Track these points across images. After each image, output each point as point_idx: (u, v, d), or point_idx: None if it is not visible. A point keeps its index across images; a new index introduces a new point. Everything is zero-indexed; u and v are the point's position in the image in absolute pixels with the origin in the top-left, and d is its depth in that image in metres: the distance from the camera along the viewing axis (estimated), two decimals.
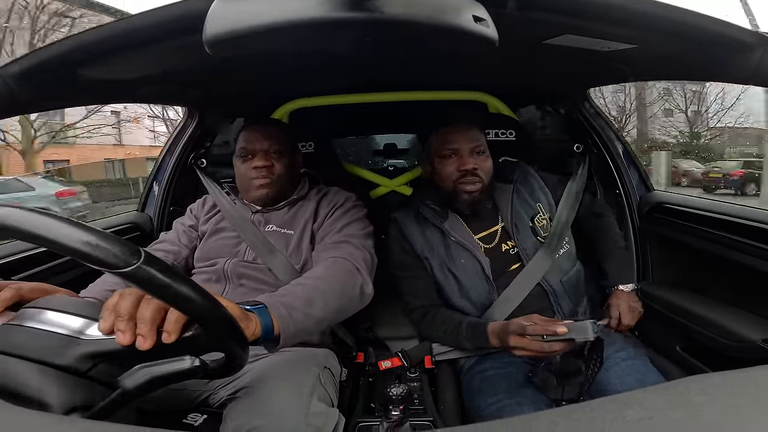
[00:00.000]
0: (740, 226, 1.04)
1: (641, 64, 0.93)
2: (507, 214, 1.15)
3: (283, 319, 0.71)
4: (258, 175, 1.10)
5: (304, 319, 0.75)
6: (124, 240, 0.44)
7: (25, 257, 1.03)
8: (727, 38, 0.63)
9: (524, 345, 0.85)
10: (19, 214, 0.42)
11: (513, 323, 0.89)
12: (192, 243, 1.17)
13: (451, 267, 1.13)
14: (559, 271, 1.12)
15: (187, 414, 0.87)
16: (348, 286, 0.89)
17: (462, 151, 1.11)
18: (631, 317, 1.11)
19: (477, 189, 1.11)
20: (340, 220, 1.09)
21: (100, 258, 0.41)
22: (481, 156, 1.13)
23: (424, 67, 1.22)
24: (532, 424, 0.30)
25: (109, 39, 0.66)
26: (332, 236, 1.04)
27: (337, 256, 0.95)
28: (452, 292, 1.13)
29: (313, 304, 0.79)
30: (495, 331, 0.97)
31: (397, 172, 2.04)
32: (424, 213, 1.18)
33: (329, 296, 0.84)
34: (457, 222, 1.16)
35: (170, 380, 0.52)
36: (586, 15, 0.64)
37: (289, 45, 0.56)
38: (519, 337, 0.86)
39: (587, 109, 1.43)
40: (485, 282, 1.11)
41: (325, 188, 1.22)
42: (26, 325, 0.51)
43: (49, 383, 0.47)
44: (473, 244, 1.13)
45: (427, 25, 0.50)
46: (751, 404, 0.30)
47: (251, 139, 1.12)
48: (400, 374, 1.18)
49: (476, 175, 1.11)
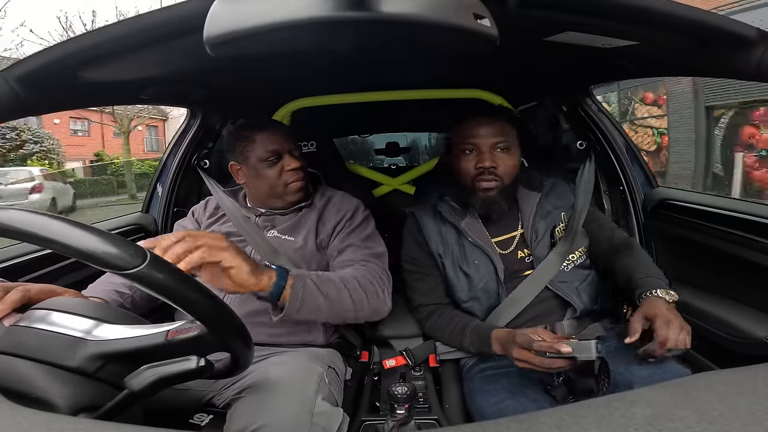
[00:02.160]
0: (745, 222, 1.03)
1: (643, 60, 0.92)
2: (528, 222, 1.11)
3: (296, 287, 0.76)
4: (296, 177, 1.08)
5: (314, 299, 0.80)
6: (130, 242, 0.44)
7: (32, 259, 1.04)
8: (729, 34, 0.63)
9: (527, 359, 0.85)
10: (28, 217, 0.43)
11: (520, 335, 0.88)
12: None
13: (464, 267, 1.11)
14: (574, 280, 1.09)
15: (193, 414, 0.87)
16: (370, 298, 0.94)
17: (482, 146, 1.06)
18: (686, 332, 0.85)
19: (493, 188, 1.06)
20: (356, 234, 1.08)
21: (107, 260, 0.42)
22: (504, 153, 1.07)
23: (426, 65, 1.22)
24: (539, 420, 0.30)
25: (110, 41, 0.66)
26: (355, 253, 1.04)
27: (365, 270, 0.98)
28: (462, 292, 1.12)
29: (329, 292, 0.85)
30: (499, 339, 0.96)
31: (399, 170, 2.05)
32: (442, 210, 1.14)
33: (346, 294, 0.88)
34: (475, 222, 1.12)
35: (176, 380, 0.52)
36: (588, 12, 0.64)
37: (290, 45, 0.57)
38: (523, 350, 0.86)
39: (589, 105, 1.43)
40: (496, 284, 1.09)
41: (329, 192, 1.20)
42: (34, 327, 0.52)
43: (57, 384, 0.48)
44: (490, 246, 1.10)
45: (427, 24, 0.50)
46: (758, 401, 0.30)
47: (277, 141, 1.08)
48: (405, 373, 1.18)
49: (494, 174, 1.06)
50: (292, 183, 1.08)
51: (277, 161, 1.08)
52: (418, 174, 1.90)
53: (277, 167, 1.08)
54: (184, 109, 1.54)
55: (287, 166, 1.07)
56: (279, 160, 1.08)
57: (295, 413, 0.75)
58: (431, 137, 3.37)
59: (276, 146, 1.07)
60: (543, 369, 0.84)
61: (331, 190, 1.21)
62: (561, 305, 1.10)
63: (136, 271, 0.43)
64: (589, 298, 1.10)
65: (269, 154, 1.07)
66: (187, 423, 0.85)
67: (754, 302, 1.04)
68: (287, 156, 1.08)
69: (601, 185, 1.47)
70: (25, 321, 0.53)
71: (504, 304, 1.08)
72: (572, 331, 1.08)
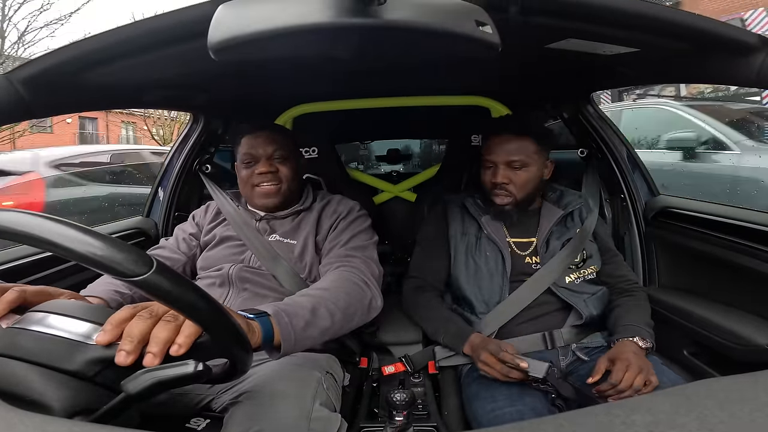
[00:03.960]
0: (746, 230, 1.03)
1: (644, 67, 0.93)
2: (543, 234, 1.16)
3: (285, 327, 0.71)
4: (262, 180, 1.11)
5: (306, 329, 0.75)
6: (136, 248, 0.44)
7: (32, 261, 1.04)
8: (730, 41, 0.63)
9: (491, 363, 0.97)
10: (32, 220, 0.43)
11: (493, 343, 1.00)
12: (191, 251, 1.17)
13: (476, 256, 1.17)
14: (583, 292, 1.12)
15: (189, 418, 0.87)
16: (355, 298, 0.91)
17: (498, 163, 1.14)
18: (643, 375, 0.90)
19: (506, 203, 1.15)
20: (345, 232, 1.09)
21: (112, 266, 0.42)
22: (518, 170, 1.13)
23: (427, 72, 1.23)
24: (539, 428, 0.30)
25: (114, 45, 0.67)
26: (338, 250, 1.05)
27: (343, 269, 0.96)
28: (468, 279, 1.16)
29: (317, 314, 0.80)
30: (472, 342, 1.05)
31: (400, 177, 2.05)
32: (468, 204, 1.23)
33: (334, 307, 0.84)
34: (495, 220, 1.19)
35: (174, 385, 0.52)
36: (589, 19, 0.64)
37: (293, 51, 0.57)
38: (491, 356, 0.97)
39: (591, 113, 1.43)
40: (501, 279, 1.13)
41: (329, 196, 1.21)
42: (31, 329, 0.51)
43: (53, 387, 0.47)
44: (503, 243, 1.16)
45: (429, 31, 0.51)
46: (759, 408, 0.30)
47: (254, 145, 1.11)
48: (404, 379, 1.18)
49: (506, 189, 1.13)
50: (259, 186, 1.11)
51: (252, 164, 1.11)
52: (419, 181, 1.91)
53: (250, 170, 1.11)
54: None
55: (257, 170, 1.10)
56: (255, 163, 1.11)
57: (292, 419, 0.75)
58: (433, 144, 3.38)
59: (252, 150, 1.11)
60: (501, 376, 0.96)
61: (330, 195, 1.22)
62: (563, 313, 1.11)
63: (141, 278, 0.42)
64: (596, 309, 1.11)
65: (246, 157, 1.12)
66: (184, 427, 0.84)
67: (755, 309, 1.04)
68: (263, 160, 1.11)
69: (603, 193, 1.47)
70: (22, 323, 0.53)
71: (503, 304, 1.10)
72: (571, 338, 1.08)
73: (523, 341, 1.08)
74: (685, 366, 1.15)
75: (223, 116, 1.55)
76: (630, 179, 1.39)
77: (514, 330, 1.10)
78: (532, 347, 1.08)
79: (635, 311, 1.09)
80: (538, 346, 1.08)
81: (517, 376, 0.95)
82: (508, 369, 0.95)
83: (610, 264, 1.21)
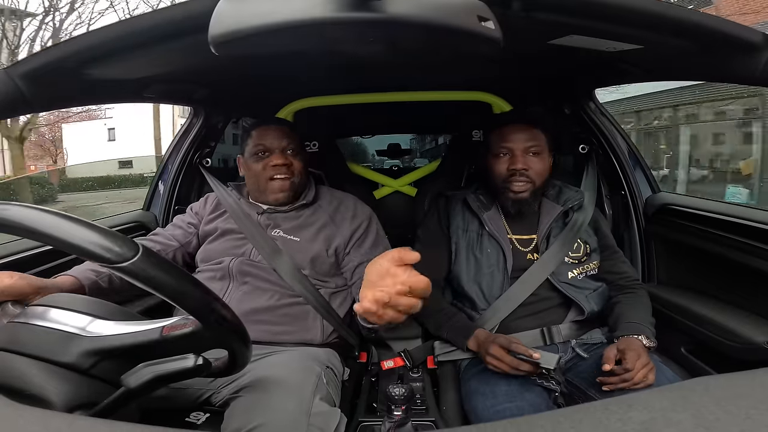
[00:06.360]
0: (746, 227, 1.03)
1: (647, 64, 0.92)
2: (543, 230, 1.15)
3: None
4: (276, 173, 1.10)
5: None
6: (121, 235, 0.43)
7: (33, 255, 1.04)
8: (735, 39, 0.63)
9: (500, 356, 0.96)
10: (18, 210, 0.43)
11: (502, 337, 1.00)
12: (186, 239, 1.16)
13: (476, 252, 1.16)
14: (584, 287, 1.12)
15: (189, 412, 0.87)
16: None
17: (515, 150, 1.12)
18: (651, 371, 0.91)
19: (524, 189, 1.12)
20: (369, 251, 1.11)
21: (97, 253, 0.41)
22: (535, 157, 1.13)
23: (429, 67, 1.22)
24: (536, 424, 0.30)
25: (115, 39, 0.66)
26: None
27: None
28: (468, 275, 1.15)
29: None
30: (480, 337, 1.05)
31: (401, 172, 2.04)
32: (470, 200, 1.21)
33: None
34: (496, 216, 1.18)
35: (174, 379, 0.52)
36: (592, 15, 0.64)
37: (294, 45, 0.57)
38: (500, 348, 0.96)
39: (592, 109, 1.43)
40: (502, 275, 1.13)
41: (338, 194, 1.22)
42: (30, 323, 0.52)
43: (53, 381, 0.48)
44: (505, 239, 1.15)
45: (431, 26, 0.50)
46: (755, 406, 0.30)
47: (267, 137, 1.11)
48: (403, 374, 1.18)
49: (525, 176, 1.12)
50: (273, 180, 1.10)
51: (264, 156, 1.11)
52: (420, 175, 1.90)
53: (263, 162, 1.11)
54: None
55: (271, 162, 1.10)
56: (267, 156, 1.11)
57: (292, 413, 0.75)
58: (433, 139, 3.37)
59: (266, 142, 1.11)
60: (510, 369, 0.95)
61: (339, 193, 1.23)
62: (563, 308, 1.11)
63: (127, 264, 0.42)
64: (597, 305, 1.11)
65: (258, 147, 1.11)
66: (184, 421, 0.85)
67: (754, 308, 1.04)
68: (277, 152, 1.10)
69: (603, 189, 1.47)
70: (22, 317, 0.53)
71: (501, 299, 1.11)
72: (570, 334, 1.09)
73: (522, 337, 1.08)
74: (683, 364, 1.16)
75: (224, 110, 1.55)
76: (631, 176, 1.39)
77: (512, 325, 1.10)
78: (531, 343, 1.08)
79: (638, 309, 1.09)
80: (537, 342, 1.08)
81: (527, 368, 0.94)
82: (518, 362, 0.94)
83: (610, 260, 1.20)
